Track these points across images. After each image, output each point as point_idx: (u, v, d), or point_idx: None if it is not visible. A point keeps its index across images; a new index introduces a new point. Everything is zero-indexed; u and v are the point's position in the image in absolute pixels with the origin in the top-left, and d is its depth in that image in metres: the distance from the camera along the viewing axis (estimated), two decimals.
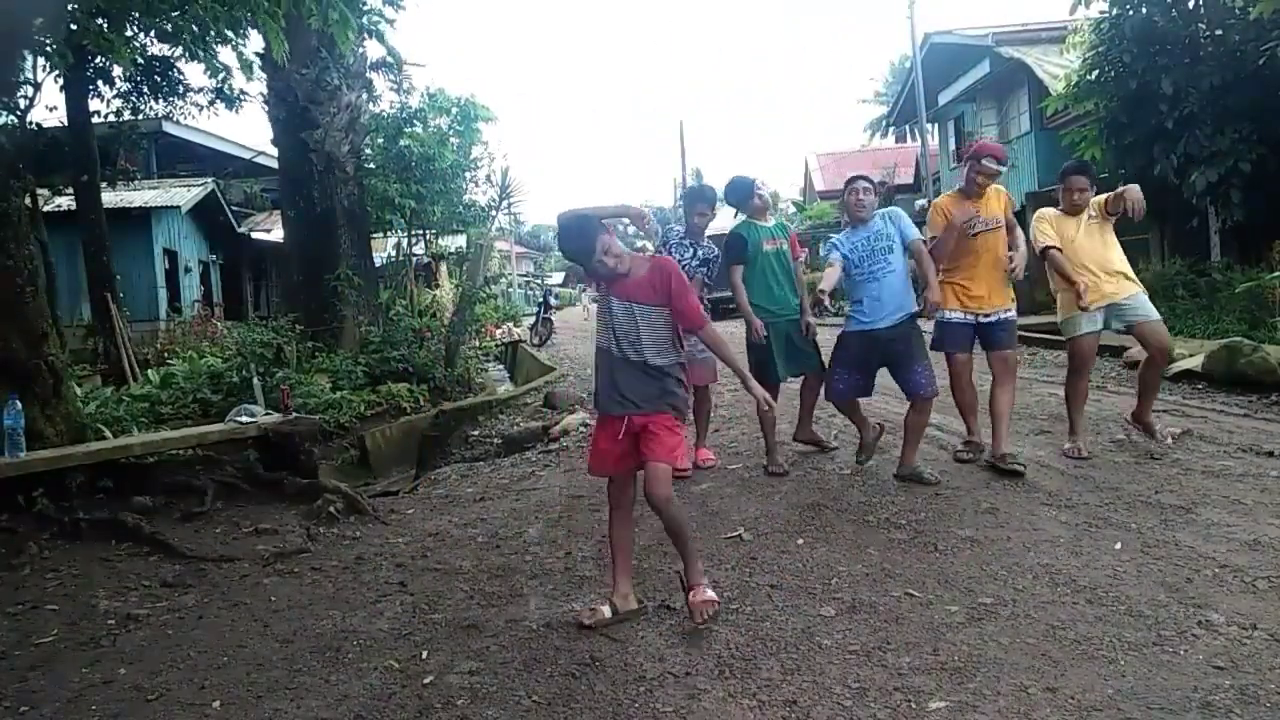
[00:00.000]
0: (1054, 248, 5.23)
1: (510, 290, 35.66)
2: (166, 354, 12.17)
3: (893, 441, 5.66)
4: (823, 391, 5.49)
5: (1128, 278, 5.32)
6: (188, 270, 18.49)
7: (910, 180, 27.67)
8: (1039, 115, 16.63)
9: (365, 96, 13.66)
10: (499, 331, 20.71)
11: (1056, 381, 7.18)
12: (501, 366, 17.58)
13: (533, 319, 22.45)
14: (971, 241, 5.19)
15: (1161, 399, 7.15)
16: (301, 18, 6.23)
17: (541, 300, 23.36)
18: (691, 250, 5.76)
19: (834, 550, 4.07)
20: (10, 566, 4.42)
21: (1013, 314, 5.29)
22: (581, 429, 8.09)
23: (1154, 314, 5.31)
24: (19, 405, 4.91)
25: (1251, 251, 10.96)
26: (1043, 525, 4.18)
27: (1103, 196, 5.37)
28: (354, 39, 7.80)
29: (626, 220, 3.97)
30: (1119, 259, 5.34)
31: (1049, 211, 5.45)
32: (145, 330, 14.20)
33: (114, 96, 12.25)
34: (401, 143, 14.73)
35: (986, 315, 5.22)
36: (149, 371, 10.59)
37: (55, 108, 16.73)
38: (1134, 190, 5.16)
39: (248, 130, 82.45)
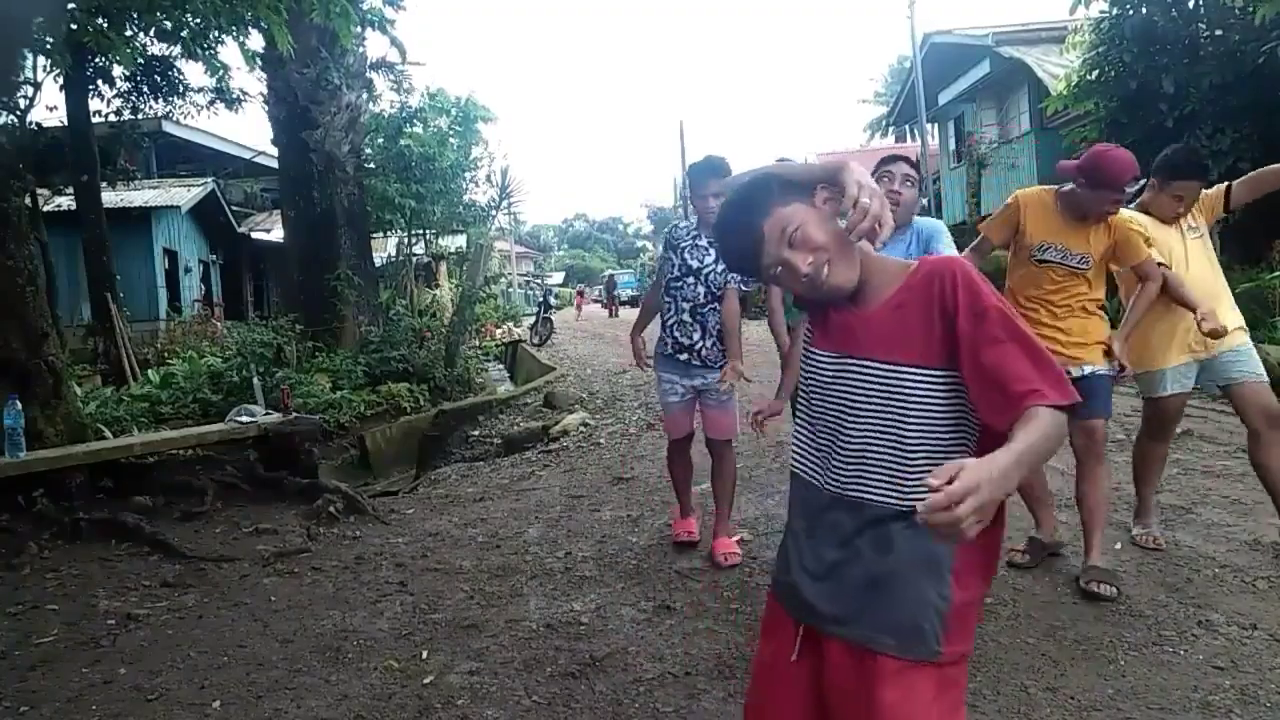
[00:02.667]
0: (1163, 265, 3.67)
1: (510, 290, 35.65)
2: (166, 354, 12.16)
3: None
4: None
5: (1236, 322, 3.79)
6: (188, 270, 18.49)
7: None
8: (1039, 115, 16.62)
9: (365, 96, 13.66)
10: (499, 331, 20.70)
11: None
12: (501, 366, 17.57)
13: (533, 319, 22.44)
14: (1047, 272, 3.62)
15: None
16: (302, 14, 6.23)
17: (541, 300, 23.35)
18: (713, 252, 4.03)
19: None
20: (10, 566, 4.42)
21: (1105, 369, 3.62)
22: (581, 429, 8.10)
23: (1260, 370, 3.73)
24: (19, 405, 4.90)
25: (1251, 251, 10.96)
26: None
27: (1214, 190, 3.91)
28: (356, 33, 7.81)
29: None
30: (1228, 292, 3.85)
31: (1141, 218, 3.79)
32: (145, 330, 14.18)
33: (114, 96, 12.24)
34: (401, 143, 14.74)
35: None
36: (149, 371, 10.59)
37: (55, 108, 16.75)
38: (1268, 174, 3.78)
39: (248, 130, 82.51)
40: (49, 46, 6.94)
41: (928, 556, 1.44)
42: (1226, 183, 3.90)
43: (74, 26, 6.39)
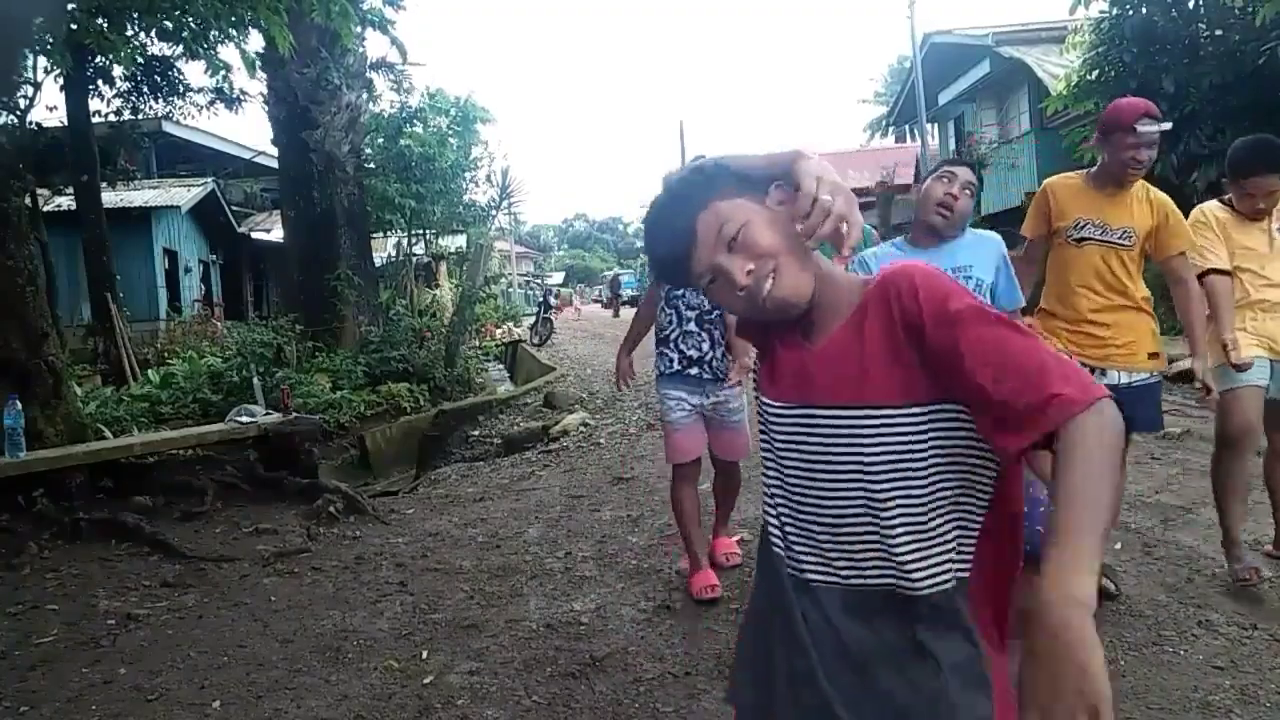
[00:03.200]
0: (1221, 271, 3.35)
1: (510, 290, 35.65)
2: (166, 354, 12.16)
3: None
4: None
5: None
6: (188, 270, 18.48)
7: (910, 180, 27.66)
8: (1039, 115, 16.63)
9: (365, 96, 13.66)
10: (499, 331, 20.69)
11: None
12: (501, 366, 17.56)
13: (533, 319, 22.43)
14: (1079, 253, 3.28)
15: (1162, 399, 7.16)
16: (303, 14, 6.23)
17: (541, 300, 23.34)
18: None
19: None
20: (10, 566, 4.42)
21: (1154, 376, 3.38)
22: (581, 429, 8.10)
23: None
24: (19, 405, 4.90)
25: None
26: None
27: None
28: (356, 33, 7.81)
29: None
30: None
31: (1215, 209, 3.46)
32: (145, 330, 14.17)
33: (114, 96, 12.24)
34: (401, 143, 14.75)
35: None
36: (149, 371, 10.58)
37: (55, 108, 16.73)
38: None
39: (248, 130, 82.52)
40: (49, 46, 6.94)
41: (949, 683, 1.06)
42: None
43: (74, 27, 6.39)
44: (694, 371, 3.67)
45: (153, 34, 8.11)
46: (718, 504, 4.15)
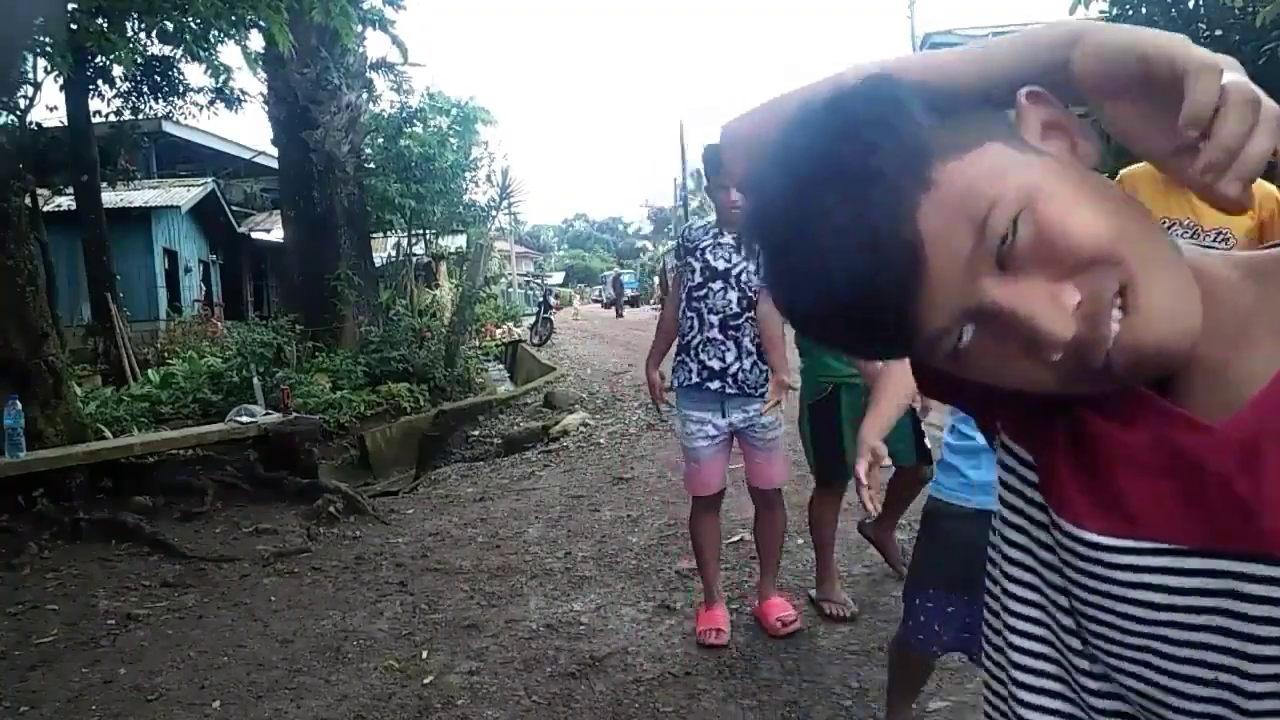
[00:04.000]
0: None
1: (510, 290, 35.65)
2: (166, 354, 12.15)
3: None
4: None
5: None
6: (188, 270, 18.47)
7: None
8: None
9: (365, 96, 13.66)
10: (499, 331, 20.70)
11: None
12: (501, 366, 17.56)
13: (533, 319, 22.43)
14: None
15: None
16: (303, 13, 6.23)
17: (541, 300, 23.34)
18: (740, 251, 3.19)
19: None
20: (10, 566, 4.42)
21: None
22: (581, 429, 8.10)
23: None
24: (19, 405, 4.90)
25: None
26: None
27: None
28: (356, 32, 7.82)
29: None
30: None
31: None
32: (145, 330, 14.16)
33: (114, 96, 12.23)
34: (401, 143, 14.74)
35: None
36: (149, 371, 10.58)
37: (55, 108, 16.69)
38: None
39: (248, 130, 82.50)
40: (50, 47, 6.94)
41: None
42: None
43: (74, 27, 6.39)
44: (715, 385, 3.10)
45: (153, 34, 8.12)
46: (760, 549, 3.44)
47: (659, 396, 3.49)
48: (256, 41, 8.79)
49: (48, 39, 6.64)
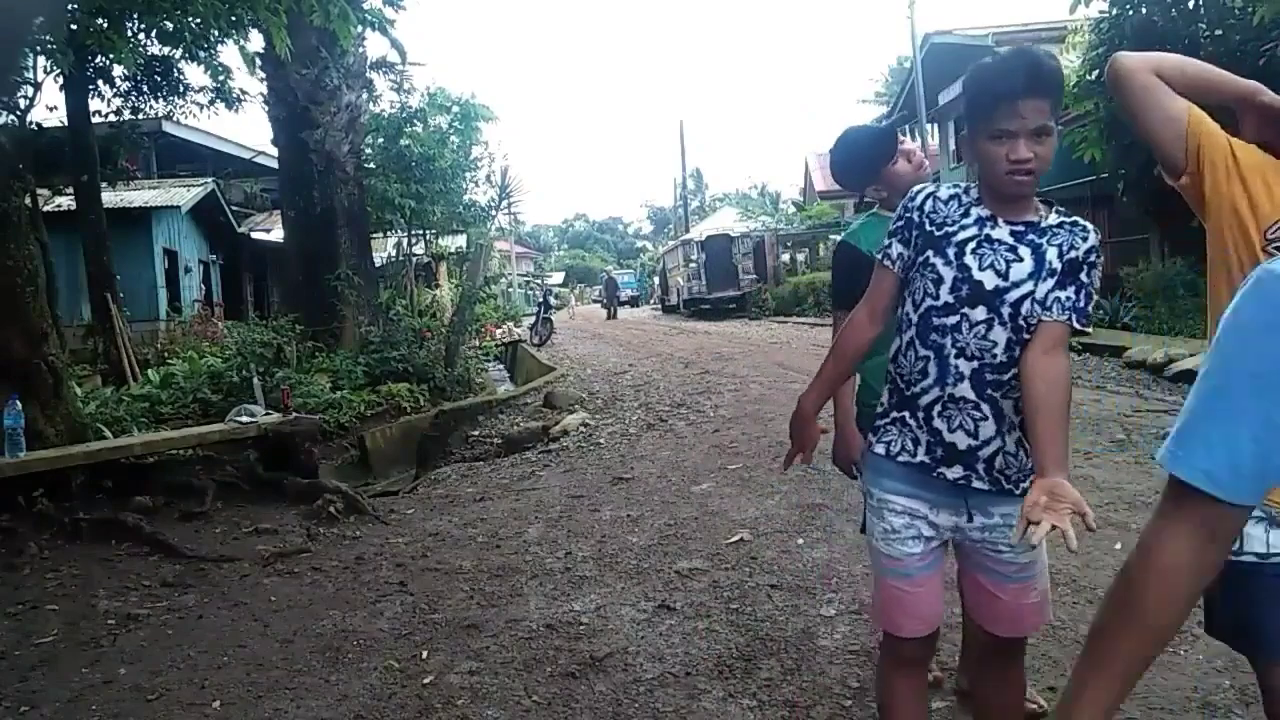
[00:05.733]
0: None
1: (510, 290, 35.66)
2: (166, 354, 12.16)
3: None
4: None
5: None
6: (188, 270, 18.48)
7: None
8: None
9: (365, 96, 13.65)
10: (499, 331, 20.70)
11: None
12: (501, 366, 17.56)
13: (533, 319, 22.44)
14: None
15: (1162, 399, 7.17)
16: (302, 14, 6.23)
17: (541, 300, 23.35)
18: (1032, 252, 1.84)
19: (834, 550, 4.07)
20: (10, 566, 4.42)
21: None
22: (581, 429, 8.10)
23: None
24: (19, 405, 4.91)
25: None
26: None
27: None
28: (356, 33, 7.81)
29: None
30: None
31: None
32: (145, 330, 14.17)
33: (114, 96, 12.22)
34: (401, 143, 14.73)
35: None
36: (149, 371, 10.57)
37: (55, 108, 16.67)
38: None
39: (248, 130, 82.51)
40: (50, 46, 6.95)
41: None
42: None
43: (74, 27, 6.39)
44: (956, 473, 1.87)
45: (153, 35, 8.12)
46: None
47: (809, 442, 2.12)
48: (256, 42, 8.79)
49: (48, 38, 6.65)
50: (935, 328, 1.85)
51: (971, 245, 1.83)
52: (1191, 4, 11.63)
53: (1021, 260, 1.80)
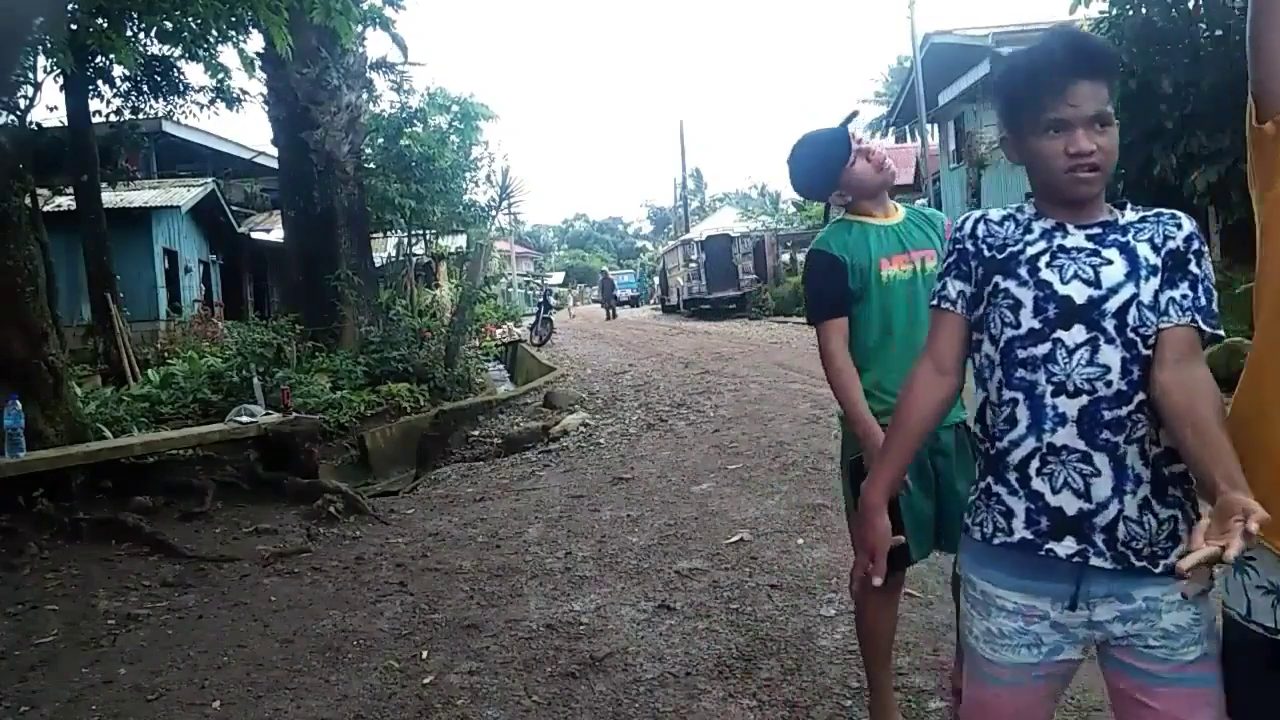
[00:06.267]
0: None
1: (510, 290, 35.68)
2: (166, 354, 12.16)
3: None
4: None
5: None
6: (188, 270, 18.48)
7: (910, 180, 27.69)
8: None
9: (365, 96, 13.66)
10: (499, 331, 20.70)
11: None
12: (501, 366, 17.57)
13: (532, 319, 22.45)
14: None
15: None
16: (303, 12, 6.23)
17: (541, 300, 23.35)
18: (1121, 253, 1.51)
19: (834, 550, 4.07)
20: (10, 566, 4.42)
21: None
22: (581, 429, 8.10)
23: None
24: (19, 405, 4.91)
25: (1251, 251, 10.98)
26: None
27: None
28: (356, 32, 7.82)
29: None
30: None
31: None
32: (145, 330, 14.17)
33: (114, 96, 12.23)
34: (401, 143, 14.74)
35: None
36: (149, 371, 10.58)
37: (55, 108, 16.67)
38: None
39: (248, 130, 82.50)
40: (50, 46, 6.95)
41: None
42: None
43: (74, 27, 6.39)
44: (1067, 547, 1.44)
45: (153, 34, 8.12)
46: None
47: (879, 554, 1.64)
48: (256, 42, 8.79)
49: (48, 38, 6.64)
50: (1021, 362, 1.48)
51: (1045, 259, 1.50)
52: (1191, 4, 11.63)
53: (1111, 263, 1.47)
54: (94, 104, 12.07)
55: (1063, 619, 1.46)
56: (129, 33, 7.21)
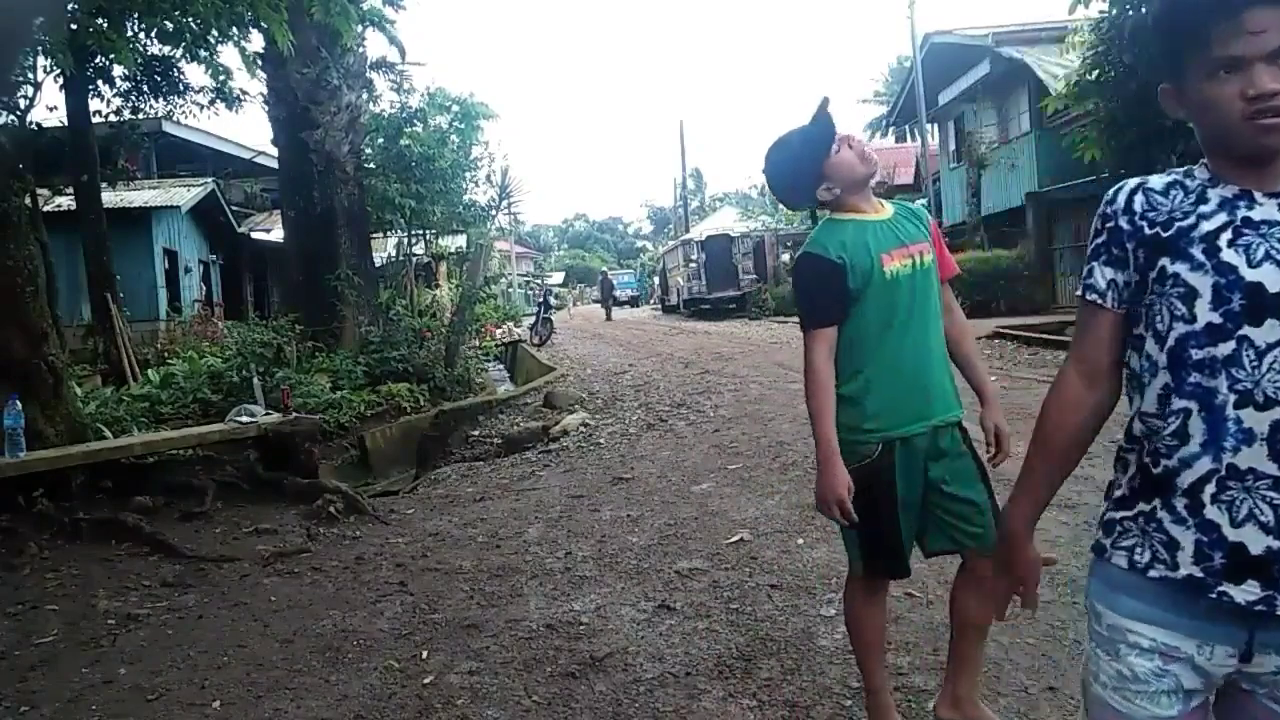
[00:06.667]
0: None
1: (510, 290, 35.68)
2: (166, 354, 12.16)
3: None
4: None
5: None
6: (188, 270, 18.48)
7: (910, 180, 27.68)
8: (1039, 115, 16.63)
9: (365, 96, 13.66)
10: (499, 331, 20.70)
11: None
12: (501, 366, 17.57)
13: (533, 319, 22.45)
14: None
15: None
16: (303, 12, 6.24)
17: (541, 300, 23.36)
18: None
19: (834, 550, 4.06)
20: (10, 566, 4.42)
21: None
22: (581, 429, 8.10)
23: None
24: (19, 405, 4.91)
25: None
26: (1043, 525, 4.14)
27: None
28: (356, 32, 7.82)
29: None
30: None
31: None
32: (145, 330, 14.18)
33: (114, 96, 12.23)
34: (401, 143, 14.74)
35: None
36: (149, 371, 10.58)
37: (55, 108, 16.70)
38: None
39: (248, 130, 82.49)
40: (50, 46, 6.94)
41: None
42: None
43: (74, 27, 6.39)
44: (1246, 593, 1.20)
45: (153, 35, 8.12)
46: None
47: (1030, 585, 1.46)
48: (256, 42, 8.80)
49: (48, 38, 6.64)
50: (1196, 364, 1.22)
51: (1226, 236, 1.22)
52: None
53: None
54: (94, 104, 12.07)
55: (1208, 663, 1.24)
56: (129, 33, 7.22)
